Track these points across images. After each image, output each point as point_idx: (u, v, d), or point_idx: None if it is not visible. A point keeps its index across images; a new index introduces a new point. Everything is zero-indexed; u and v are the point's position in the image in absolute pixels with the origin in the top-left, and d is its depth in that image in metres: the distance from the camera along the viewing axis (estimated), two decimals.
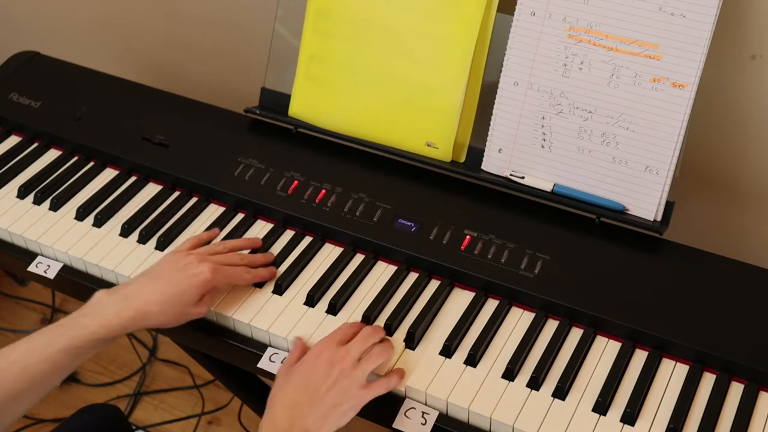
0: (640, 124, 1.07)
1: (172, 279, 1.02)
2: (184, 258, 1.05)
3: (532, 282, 1.05)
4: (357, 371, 0.95)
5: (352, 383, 0.94)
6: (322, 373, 0.94)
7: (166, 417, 1.89)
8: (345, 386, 0.94)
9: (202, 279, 1.02)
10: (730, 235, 1.34)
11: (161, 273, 1.04)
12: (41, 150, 1.34)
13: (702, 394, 0.96)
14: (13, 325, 2.10)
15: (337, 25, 1.22)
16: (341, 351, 0.96)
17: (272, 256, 1.13)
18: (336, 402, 0.93)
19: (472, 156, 1.19)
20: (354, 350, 0.96)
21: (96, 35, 1.79)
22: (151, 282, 1.03)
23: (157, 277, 1.03)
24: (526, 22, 1.11)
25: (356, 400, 0.94)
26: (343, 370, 0.94)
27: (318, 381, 0.94)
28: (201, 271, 1.03)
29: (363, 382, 0.95)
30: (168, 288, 1.02)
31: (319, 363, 0.95)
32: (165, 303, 1.01)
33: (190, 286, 1.02)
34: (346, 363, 0.95)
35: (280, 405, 0.93)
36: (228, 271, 1.06)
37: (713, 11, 1.01)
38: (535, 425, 0.93)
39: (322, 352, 0.97)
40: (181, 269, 1.03)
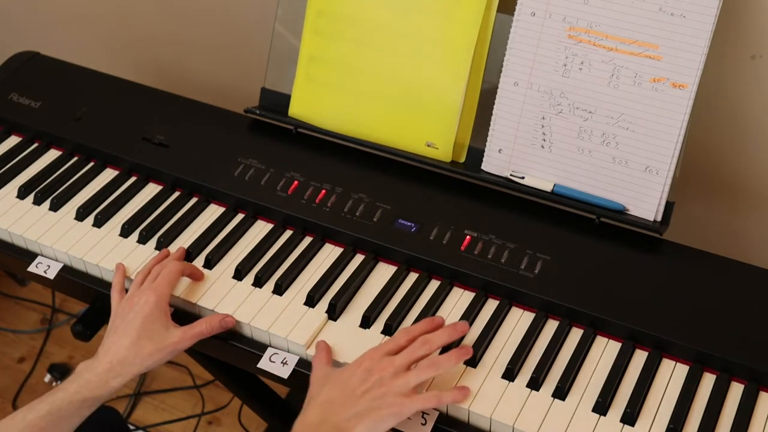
0: (640, 125, 1.07)
1: (127, 322, 1.03)
2: (126, 303, 1.06)
3: (532, 282, 1.05)
4: (398, 380, 0.92)
5: (391, 390, 0.92)
6: (361, 377, 0.93)
7: (166, 417, 1.89)
8: (383, 392, 0.92)
9: (151, 303, 1.03)
10: (730, 235, 1.34)
11: (117, 324, 1.04)
12: (41, 150, 1.34)
13: (702, 394, 0.96)
14: (13, 325, 2.10)
15: (337, 26, 1.22)
16: (384, 361, 0.94)
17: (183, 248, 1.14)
18: (372, 406, 0.91)
19: (472, 156, 1.19)
20: (398, 360, 0.94)
21: (96, 35, 1.79)
22: (114, 334, 1.03)
23: (116, 329, 1.04)
24: (526, 22, 1.11)
25: (396, 408, 0.91)
26: (381, 377, 0.93)
27: (355, 384, 0.93)
28: (145, 299, 1.04)
29: (405, 391, 0.92)
30: (129, 330, 1.02)
31: (359, 369, 0.94)
32: (135, 343, 1.01)
33: (145, 316, 1.02)
34: (386, 372, 0.93)
35: (314, 403, 0.93)
36: (162, 278, 1.06)
37: (713, 11, 1.01)
38: (535, 425, 0.93)
39: (365, 359, 0.95)
40: (129, 310, 1.04)
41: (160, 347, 1.02)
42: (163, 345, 1.02)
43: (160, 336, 1.02)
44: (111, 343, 1.02)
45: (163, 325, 1.03)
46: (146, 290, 1.05)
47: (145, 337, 1.02)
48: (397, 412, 0.91)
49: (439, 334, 0.98)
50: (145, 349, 1.01)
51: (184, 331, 1.04)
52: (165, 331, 1.03)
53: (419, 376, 0.94)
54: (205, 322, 1.05)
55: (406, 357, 0.95)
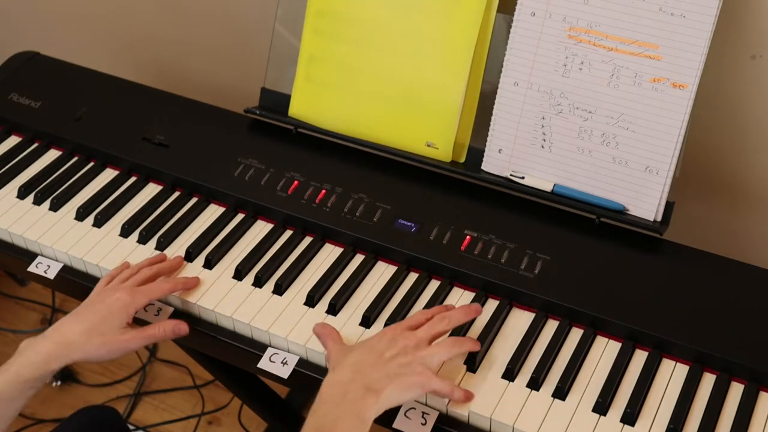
0: (640, 125, 1.07)
1: (92, 309, 1.03)
2: (102, 293, 1.06)
3: (532, 282, 1.05)
4: (422, 351, 0.94)
5: (415, 359, 0.93)
6: (386, 344, 0.94)
7: (166, 417, 1.89)
8: (409, 360, 0.92)
9: (121, 303, 1.03)
10: (730, 235, 1.34)
11: (81, 309, 1.04)
12: (41, 150, 1.34)
13: (702, 394, 0.96)
14: (13, 325, 2.10)
15: (337, 26, 1.22)
16: (407, 333, 0.96)
17: (180, 258, 1.14)
18: (399, 371, 0.92)
19: (472, 156, 1.19)
20: (421, 333, 0.96)
21: (96, 35, 1.79)
22: (72, 317, 1.03)
23: (77, 313, 1.04)
24: (526, 22, 1.11)
25: (420, 378, 0.92)
26: (406, 346, 0.94)
27: (383, 348, 0.94)
28: (119, 297, 1.03)
29: (428, 362, 0.93)
30: (88, 317, 1.02)
31: (384, 338, 0.95)
32: (87, 331, 1.01)
33: (110, 312, 1.02)
34: (409, 341, 0.94)
35: (344, 363, 0.93)
36: (145, 289, 1.06)
37: (713, 11, 1.01)
38: (535, 425, 0.93)
39: (387, 331, 0.97)
40: (99, 301, 1.04)
41: (109, 341, 1.02)
42: (113, 340, 1.02)
43: (112, 332, 1.02)
44: (64, 323, 1.02)
45: (119, 324, 1.03)
46: (124, 290, 1.05)
47: (99, 331, 1.01)
48: (423, 382, 0.92)
49: (456, 312, 1.00)
50: (94, 340, 1.01)
51: (137, 332, 1.04)
52: (119, 329, 1.03)
53: (443, 351, 0.95)
54: (159, 326, 1.05)
55: (426, 331, 0.97)
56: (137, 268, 1.10)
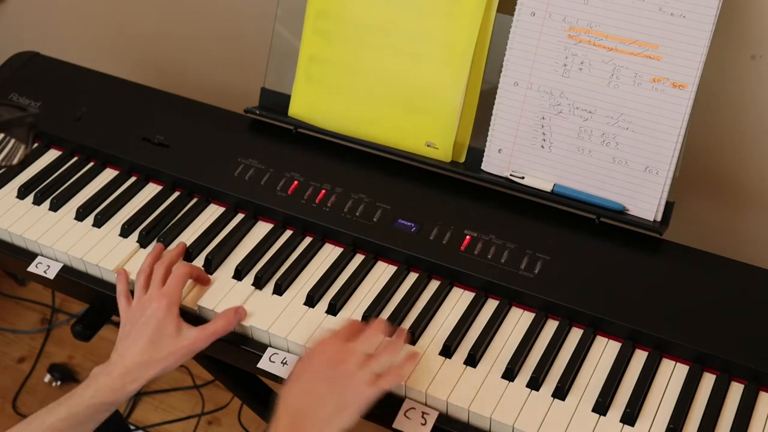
0: (640, 125, 1.07)
1: (140, 326, 1.03)
2: (137, 310, 1.05)
3: (532, 282, 1.05)
4: (362, 370, 0.93)
5: (356, 383, 0.92)
6: (326, 375, 0.93)
7: (166, 417, 1.89)
8: (349, 387, 0.92)
9: (162, 308, 1.03)
10: (730, 235, 1.34)
11: (129, 329, 1.04)
12: (41, 150, 1.34)
13: (702, 394, 0.96)
14: (13, 325, 2.10)
15: (337, 26, 1.22)
16: (344, 349, 0.95)
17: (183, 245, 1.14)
18: (340, 404, 0.91)
19: (472, 156, 1.19)
20: (359, 347, 0.95)
21: (96, 35, 1.79)
22: (130, 337, 1.03)
23: (128, 334, 1.03)
24: (526, 22, 1.11)
25: (363, 398, 0.92)
26: (347, 370, 0.93)
27: (322, 387, 0.92)
28: (156, 306, 1.03)
29: (369, 380, 0.93)
30: (142, 335, 1.02)
31: (322, 365, 0.94)
32: (148, 347, 1.01)
33: (158, 321, 1.02)
34: (349, 363, 0.93)
35: (285, 409, 0.92)
36: (172, 284, 1.05)
37: (713, 11, 1.01)
38: (535, 425, 0.93)
39: (325, 349, 0.96)
40: (141, 314, 1.04)
41: (176, 349, 1.02)
42: (179, 346, 1.02)
43: (174, 338, 1.02)
44: (124, 348, 1.02)
45: (176, 327, 1.03)
46: (156, 295, 1.04)
47: (160, 340, 1.01)
48: (363, 403, 0.92)
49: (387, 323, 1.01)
50: (161, 352, 1.01)
51: (199, 330, 1.03)
52: (179, 332, 1.03)
53: (381, 362, 0.95)
54: (221, 318, 1.05)
55: (365, 342, 0.96)
56: (147, 268, 1.09)
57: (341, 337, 0.97)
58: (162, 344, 1.01)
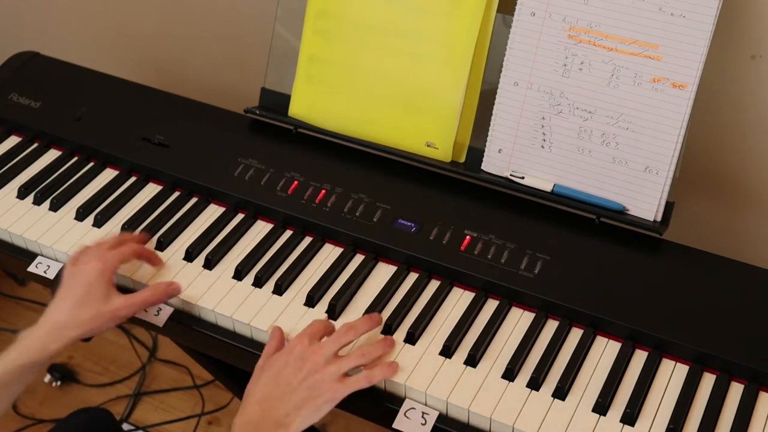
0: (640, 125, 1.07)
1: (70, 285, 1.04)
2: (74, 264, 1.06)
3: (532, 282, 1.05)
4: (331, 366, 0.95)
5: (324, 377, 0.94)
6: (294, 367, 0.95)
7: (166, 417, 1.89)
8: (317, 380, 0.94)
9: (96, 270, 1.04)
10: (730, 235, 1.34)
11: (62, 287, 1.05)
12: (41, 150, 1.34)
13: (702, 395, 0.96)
14: (13, 325, 2.10)
15: (337, 26, 1.22)
16: (314, 346, 0.97)
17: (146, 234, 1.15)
18: (308, 395, 0.93)
19: (472, 156, 1.19)
20: (327, 345, 0.97)
21: (96, 35, 1.79)
22: (57, 297, 1.04)
23: (59, 292, 1.04)
24: (526, 22, 1.11)
25: (330, 394, 0.94)
26: (315, 363, 0.95)
27: (289, 375, 0.94)
28: (92, 266, 1.04)
29: (337, 377, 0.95)
30: (70, 293, 1.03)
31: (291, 358, 0.96)
32: (74, 306, 1.02)
33: (89, 282, 1.03)
34: (318, 357, 0.95)
35: (252, 399, 0.94)
36: (116, 250, 1.07)
37: (713, 12, 1.01)
38: (535, 425, 0.93)
39: (296, 346, 0.97)
40: (75, 274, 1.05)
41: (99, 312, 1.03)
42: (103, 311, 1.03)
43: (100, 302, 1.03)
44: (52, 307, 1.03)
45: (104, 292, 1.04)
46: (93, 258, 1.05)
47: (86, 303, 1.02)
48: (331, 398, 0.94)
49: (360, 322, 1.01)
50: (84, 314, 1.02)
51: (125, 298, 1.05)
52: (107, 298, 1.04)
53: (350, 363, 0.96)
54: (149, 289, 1.06)
55: (335, 343, 0.97)
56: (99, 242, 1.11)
57: (309, 335, 0.98)
58: (87, 307, 1.02)
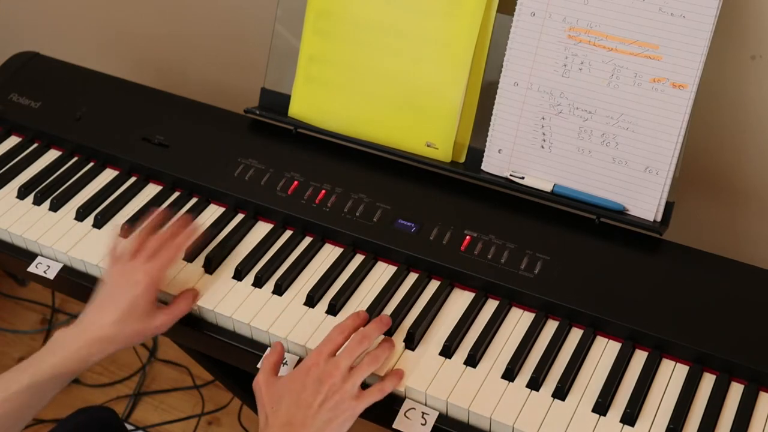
0: (640, 125, 1.07)
1: (116, 297, 1.03)
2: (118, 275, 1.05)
3: (532, 282, 1.05)
4: (347, 384, 0.95)
5: (344, 397, 0.94)
6: (313, 389, 0.94)
7: (166, 417, 1.89)
8: (336, 401, 0.94)
9: (142, 285, 1.03)
10: (730, 235, 1.34)
11: (105, 295, 1.04)
12: (41, 150, 1.34)
13: (702, 395, 0.96)
14: (13, 325, 2.10)
15: (337, 26, 1.22)
16: (330, 365, 0.96)
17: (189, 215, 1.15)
18: (330, 417, 0.93)
19: (472, 156, 1.19)
20: (343, 363, 0.96)
21: (96, 35, 1.79)
22: (101, 306, 1.03)
23: (102, 300, 1.03)
24: (526, 22, 1.11)
25: (349, 412, 0.94)
26: (333, 384, 0.94)
27: (309, 398, 0.94)
28: (138, 279, 1.03)
29: (355, 393, 0.95)
30: (117, 306, 1.02)
31: (309, 380, 0.95)
32: (120, 321, 1.01)
33: (135, 297, 1.02)
34: (335, 377, 0.95)
35: (275, 423, 0.93)
36: (159, 261, 1.05)
37: (713, 12, 1.01)
38: (535, 426, 0.93)
39: (311, 367, 0.96)
40: (120, 285, 1.04)
41: (145, 329, 1.03)
42: (149, 327, 1.03)
43: (144, 319, 1.03)
44: (95, 317, 1.02)
45: (149, 308, 1.03)
46: (140, 270, 1.04)
47: (131, 318, 1.02)
48: (351, 416, 0.94)
49: (372, 328, 1.01)
50: (129, 329, 1.02)
51: (166, 315, 1.05)
52: (151, 314, 1.03)
53: (364, 373, 0.96)
54: (183, 301, 1.07)
55: (349, 357, 0.97)
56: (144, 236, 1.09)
57: (325, 354, 0.98)
58: (132, 322, 1.02)
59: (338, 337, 0.99)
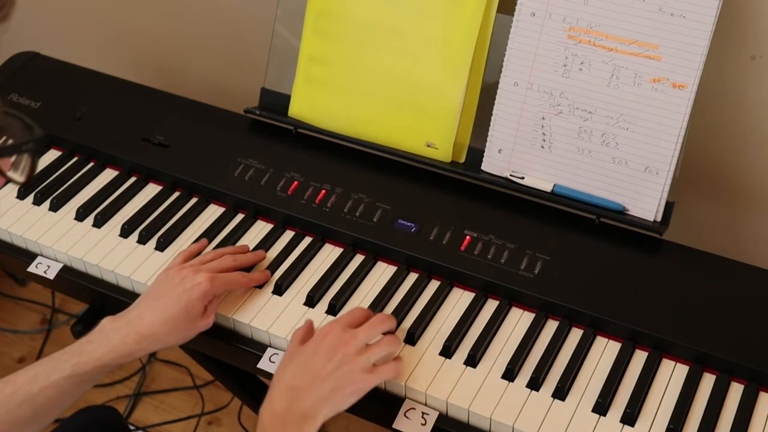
0: (640, 125, 1.07)
1: (172, 296, 1.01)
2: (179, 273, 1.04)
3: (532, 282, 1.05)
4: (361, 356, 0.93)
5: (354, 368, 0.92)
6: (324, 356, 0.93)
7: (166, 417, 1.89)
8: (346, 371, 0.92)
9: (201, 290, 1.01)
10: (730, 235, 1.34)
11: (161, 292, 1.02)
12: (41, 150, 1.33)
13: (702, 395, 0.96)
14: (13, 325, 2.10)
15: (337, 26, 1.22)
16: (347, 335, 0.95)
17: (263, 253, 1.13)
18: (337, 386, 0.91)
19: (472, 156, 1.19)
20: (361, 335, 0.95)
21: (96, 35, 1.79)
22: (153, 303, 1.01)
23: (157, 297, 1.02)
24: (526, 22, 1.11)
25: (359, 385, 0.92)
26: (346, 354, 0.93)
27: (319, 364, 0.92)
28: (198, 282, 1.02)
29: (367, 367, 0.93)
30: (170, 306, 1.00)
31: (322, 347, 0.94)
32: (171, 321, 1.00)
33: (191, 300, 1.01)
34: (350, 348, 0.93)
35: (279, 388, 0.92)
36: (225, 277, 1.05)
37: (713, 12, 1.01)
38: (535, 426, 0.93)
39: (328, 334, 0.95)
40: (179, 284, 1.02)
41: (193, 329, 1.02)
42: (193, 330, 1.02)
43: (191, 324, 1.02)
44: (148, 310, 1.01)
45: (198, 314, 1.02)
46: (205, 276, 1.02)
47: (181, 320, 1.00)
48: (360, 389, 0.93)
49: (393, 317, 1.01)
50: (176, 333, 1.01)
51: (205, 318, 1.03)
52: (199, 317, 1.02)
53: (381, 351, 0.95)
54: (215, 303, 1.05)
55: (368, 332, 0.96)
56: (221, 254, 1.09)
57: (344, 324, 0.97)
58: (181, 325, 1.01)
59: (360, 313, 0.99)
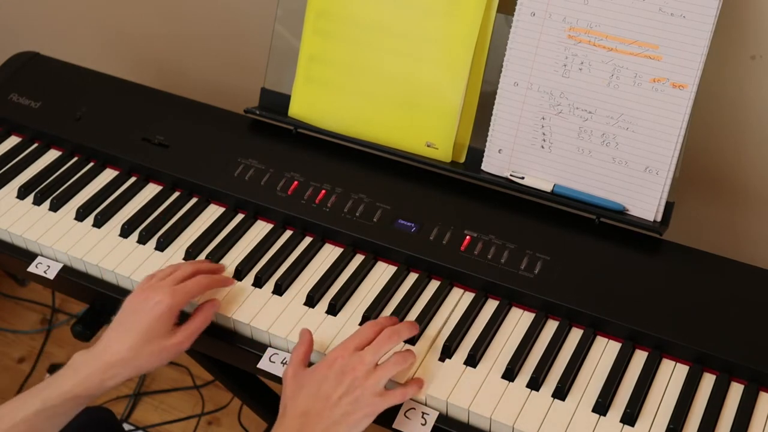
0: (640, 125, 1.07)
1: (134, 320, 1.00)
2: (141, 294, 1.02)
3: (531, 282, 1.05)
4: (371, 380, 0.93)
5: (365, 392, 0.92)
6: (334, 381, 0.93)
7: (166, 417, 1.89)
8: (357, 396, 0.92)
9: (163, 307, 1.00)
10: (730, 235, 1.34)
11: (124, 317, 1.01)
12: (41, 150, 1.34)
13: (702, 395, 0.96)
14: (13, 325, 2.10)
15: (337, 26, 1.22)
16: (355, 358, 0.94)
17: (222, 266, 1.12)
18: (348, 411, 0.91)
19: (472, 156, 1.19)
20: (368, 358, 0.94)
21: (96, 36, 1.79)
22: (117, 329, 1.00)
23: (121, 323, 1.00)
24: (526, 22, 1.11)
25: (370, 409, 0.92)
26: (355, 378, 0.93)
27: (329, 389, 0.92)
28: (159, 300, 1.00)
29: (378, 390, 0.93)
30: (133, 329, 0.99)
31: (331, 372, 0.94)
32: (136, 345, 0.98)
33: (154, 318, 0.99)
34: (359, 371, 0.93)
35: (292, 413, 0.92)
36: (186, 286, 1.03)
37: (713, 12, 1.01)
38: (535, 426, 0.93)
39: (337, 359, 0.95)
40: (140, 306, 1.01)
41: (162, 347, 0.99)
42: (164, 347, 1.00)
43: (160, 341, 0.99)
44: (112, 340, 0.99)
45: (166, 330, 1.00)
46: (163, 290, 1.01)
47: (149, 339, 0.99)
48: (370, 412, 0.93)
49: (403, 327, 1.00)
50: (145, 353, 0.99)
51: (183, 331, 1.02)
52: (167, 334, 1.00)
53: (390, 372, 0.95)
54: (200, 316, 1.03)
55: (375, 353, 0.95)
56: (177, 267, 1.07)
57: (351, 347, 0.96)
58: (149, 344, 0.99)
59: (369, 331, 0.98)
